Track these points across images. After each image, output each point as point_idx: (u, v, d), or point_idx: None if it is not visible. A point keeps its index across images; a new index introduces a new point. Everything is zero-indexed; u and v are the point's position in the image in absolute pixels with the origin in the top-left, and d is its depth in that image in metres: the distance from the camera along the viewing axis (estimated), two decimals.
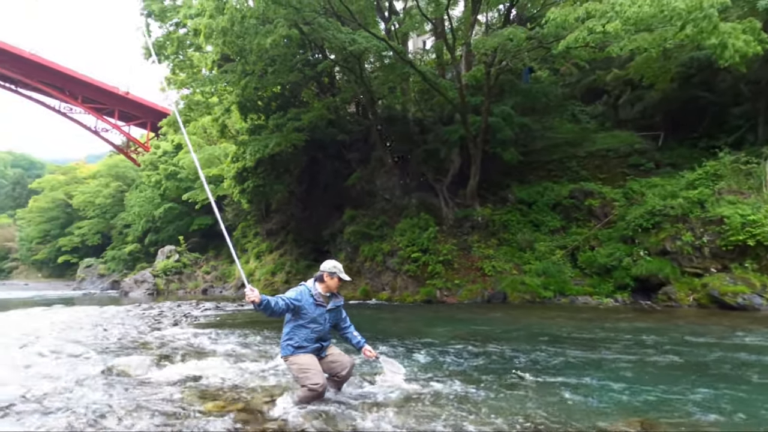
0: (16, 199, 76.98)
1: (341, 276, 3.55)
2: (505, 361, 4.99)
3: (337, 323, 3.70)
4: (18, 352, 5.44)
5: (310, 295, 3.47)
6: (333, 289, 3.58)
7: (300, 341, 3.42)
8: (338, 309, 3.66)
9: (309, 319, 3.43)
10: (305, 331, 3.42)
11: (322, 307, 3.49)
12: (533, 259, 13.58)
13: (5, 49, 39.22)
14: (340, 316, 3.72)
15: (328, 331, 3.58)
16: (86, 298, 23.73)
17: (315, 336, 3.45)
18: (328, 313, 3.54)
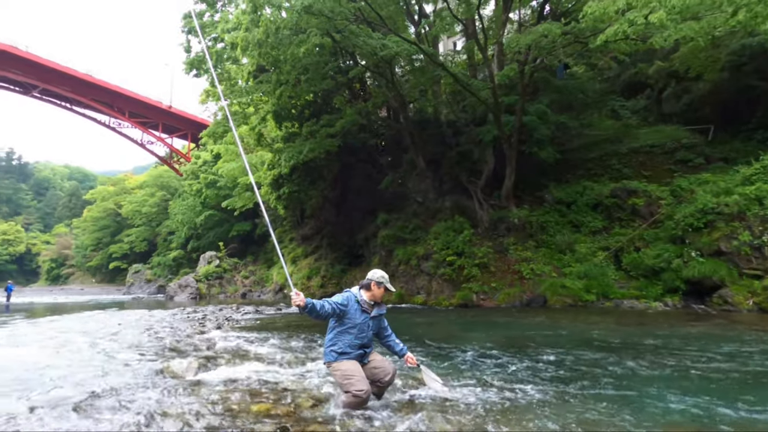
0: (72, 209, 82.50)
1: (388, 286, 3.57)
2: (546, 368, 4.83)
3: (378, 331, 3.72)
4: (77, 353, 5.80)
5: (356, 302, 3.51)
6: (378, 299, 3.60)
7: (344, 347, 3.43)
8: (380, 317, 3.68)
9: (353, 325, 3.46)
10: (349, 337, 3.44)
11: (367, 314, 3.53)
12: (574, 262, 13.12)
13: (61, 71, 42.23)
14: (382, 324, 3.74)
15: (371, 339, 3.60)
16: (135, 302, 25.02)
17: (358, 342, 3.47)
18: (372, 321, 3.57)
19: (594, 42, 10.55)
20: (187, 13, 16.70)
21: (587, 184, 15.01)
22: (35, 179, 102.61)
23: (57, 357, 5.49)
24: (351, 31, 12.25)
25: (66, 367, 4.84)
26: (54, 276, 67.88)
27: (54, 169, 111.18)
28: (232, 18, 13.71)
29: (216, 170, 29.74)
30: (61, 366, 4.91)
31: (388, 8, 14.67)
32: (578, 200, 14.69)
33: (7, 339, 6.99)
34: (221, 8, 16.85)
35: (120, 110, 46.64)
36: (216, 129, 20.45)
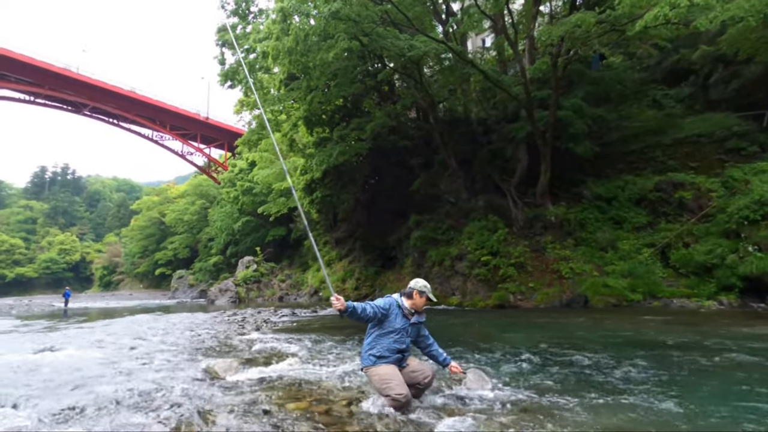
0: (120, 219, 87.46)
1: (430, 296, 3.58)
2: (590, 372, 4.62)
3: (417, 340, 3.73)
4: (127, 354, 6.11)
5: (398, 306, 3.54)
6: (419, 307, 3.60)
7: (382, 351, 3.43)
8: (420, 325, 3.68)
9: (392, 329, 3.47)
10: (388, 341, 3.44)
11: (407, 320, 3.54)
12: (616, 260, 12.55)
13: (109, 89, 44.94)
14: (422, 332, 3.74)
15: (409, 345, 3.59)
16: (179, 306, 26.13)
17: (397, 347, 3.46)
18: (411, 327, 3.57)
19: (632, 29, 10.08)
20: (221, 27, 17.35)
21: (629, 179, 14.34)
22: (87, 192, 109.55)
23: (109, 357, 5.80)
24: (378, 33, 12.31)
25: (117, 366, 5.10)
26: (106, 282, 72.12)
27: (104, 182, 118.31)
28: (263, 28, 14.12)
29: (251, 177, 30.67)
30: (113, 365, 5.18)
31: (415, 9, 14.63)
32: (619, 195, 14.05)
33: (69, 341, 7.45)
34: (252, 20, 17.39)
35: (162, 124, 49.06)
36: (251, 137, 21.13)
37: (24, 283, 77.51)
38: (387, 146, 18.52)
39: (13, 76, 40.28)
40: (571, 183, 15.54)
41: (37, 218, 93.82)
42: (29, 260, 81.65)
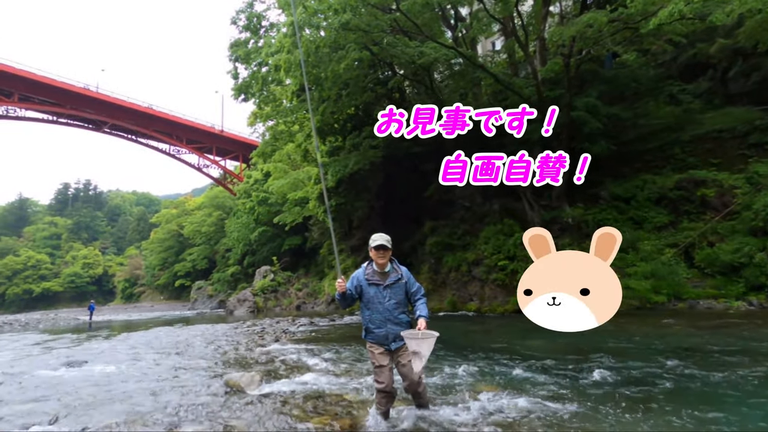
0: (140, 232, 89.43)
1: (380, 243, 3.32)
2: (614, 380, 4.51)
3: (410, 299, 3.46)
4: (151, 368, 6.21)
5: (363, 276, 3.39)
6: (382, 265, 3.35)
7: (366, 323, 3.39)
8: (398, 283, 3.38)
9: (367, 299, 3.36)
10: (367, 313, 3.36)
11: (377, 286, 3.34)
12: (638, 261, 12.27)
13: (127, 107, 46.19)
14: (411, 289, 3.43)
15: (394, 311, 3.32)
16: (199, 317, 26.50)
17: (378, 317, 3.31)
18: (387, 290, 3.34)
19: (646, 26, 9.94)
20: (234, 42, 17.69)
21: (647, 177, 14.05)
22: (108, 207, 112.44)
23: (135, 373, 5.91)
24: (388, 42, 12.40)
25: (143, 382, 5.19)
26: (128, 295, 73.63)
27: (124, 197, 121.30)
28: (275, 42, 14.34)
29: (266, 188, 31.04)
30: (139, 381, 5.27)
31: (424, 16, 14.68)
32: (638, 195, 13.77)
33: (95, 356, 7.63)
34: (264, 34, 17.69)
35: (178, 138, 50.13)
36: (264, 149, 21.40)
37: (50, 297, 79.75)
38: (399, 153, 18.54)
39: (36, 98, 41.74)
40: (588, 184, 15.19)
41: (62, 234, 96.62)
42: (54, 275, 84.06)
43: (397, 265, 3.47)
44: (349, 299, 3.35)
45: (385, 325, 3.31)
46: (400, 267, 3.47)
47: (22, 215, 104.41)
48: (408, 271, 3.51)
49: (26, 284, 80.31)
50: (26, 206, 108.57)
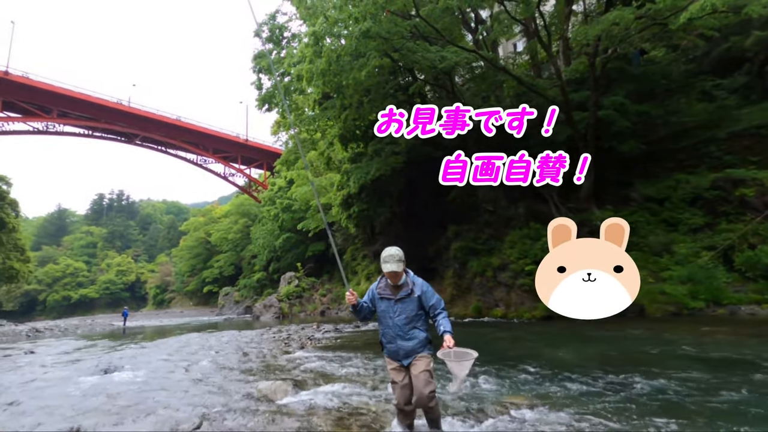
0: (170, 240, 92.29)
1: (384, 267, 3.17)
2: (651, 393, 4.31)
3: (429, 313, 3.26)
4: (184, 375, 6.35)
5: (376, 288, 3.32)
6: (395, 279, 3.21)
7: (381, 336, 3.34)
8: (410, 297, 3.20)
9: (379, 313, 3.28)
10: (381, 327, 3.30)
11: (388, 300, 3.23)
12: (673, 264, 11.78)
13: (157, 119, 47.93)
14: (428, 303, 3.22)
15: (404, 326, 3.17)
16: (226, 322, 27.03)
17: (390, 332, 3.22)
18: (399, 304, 3.20)
19: (675, 22, 9.61)
20: (258, 54, 18.12)
21: (681, 177, 13.51)
22: (140, 216, 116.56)
23: (167, 380, 6.05)
24: (408, 48, 12.41)
25: (175, 390, 5.31)
26: (159, 300, 75.93)
27: (154, 206, 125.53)
28: (297, 52, 14.60)
29: (290, 195, 31.52)
30: (171, 389, 5.40)
31: (444, 20, 14.65)
32: (672, 196, 13.25)
33: (130, 362, 7.87)
34: (286, 45, 18.04)
35: (205, 148, 51.62)
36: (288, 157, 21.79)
37: (87, 303, 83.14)
38: (421, 158, 18.48)
39: (74, 113, 43.85)
40: (618, 185, 14.82)
41: (97, 242, 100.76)
42: (91, 282, 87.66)
43: (412, 277, 3.29)
44: (365, 312, 3.29)
45: (395, 341, 3.22)
46: (414, 279, 3.28)
47: (61, 225, 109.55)
48: (424, 283, 3.30)
49: (65, 291, 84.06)
50: (65, 216, 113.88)
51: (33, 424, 3.84)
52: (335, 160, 21.54)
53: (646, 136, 14.99)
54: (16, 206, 43.57)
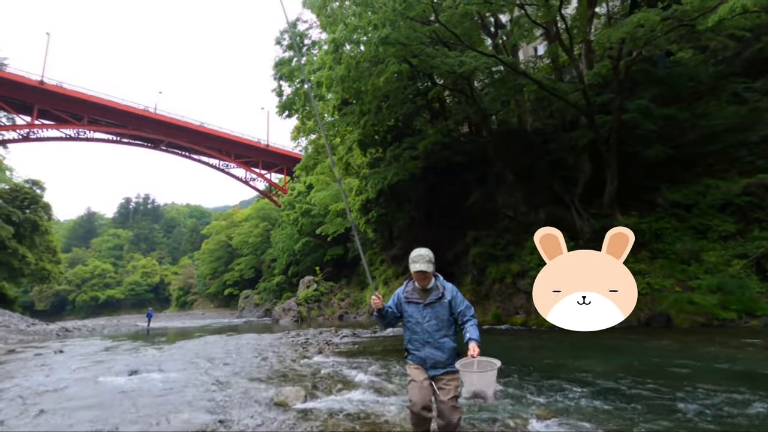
0: (193, 243, 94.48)
1: (413, 267, 3.01)
2: (678, 407, 4.15)
3: (458, 319, 3.09)
4: (205, 378, 6.47)
5: (403, 292, 3.15)
6: (423, 282, 3.06)
7: (406, 343, 3.12)
8: (440, 302, 3.04)
9: (406, 318, 3.10)
10: (407, 333, 3.09)
11: (416, 304, 3.06)
12: (702, 273, 11.36)
13: (181, 125, 49.25)
14: (456, 309, 3.06)
15: (434, 333, 3.01)
16: (246, 325, 27.42)
17: (417, 339, 3.03)
18: (427, 309, 3.03)
19: (703, 23, 9.32)
20: (278, 61, 18.43)
21: (710, 182, 13.04)
22: (165, 219, 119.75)
23: (189, 382, 6.17)
24: (427, 53, 12.43)
25: (196, 392, 5.41)
26: (182, 302, 77.69)
27: (178, 210, 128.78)
28: (317, 59, 14.80)
29: (309, 200, 31.85)
30: (193, 391, 5.50)
31: (463, 25, 14.61)
32: (700, 202, 12.81)
33: (154, 364, 8.06)
34: (306, 52, 18.31)
35: (227, 153, 52.73)
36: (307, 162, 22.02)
37: (113, 303, 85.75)
38: (440, 163, 18.44)
39: (103, 120, 45.50)
40: (642, 190, 14.41)
41: (124, 245, 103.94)
42: (117, 283, 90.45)
43: (441, 281, 3.13)
44: (390, 317, 3.11)
45: (423, 349, 3.02)
46: (444, 284, 3.13)
47: (90, 228, 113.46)
48: (454, 288, 3.15)
49: (93, 291, 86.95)
50: (94, 219, 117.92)
51: (62, 424, 3.97)
52: (354, 165, 21.67)
53: (673, 140, 14.55)
54: (48, 209, 45.42)
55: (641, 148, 13.49)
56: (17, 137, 41.90)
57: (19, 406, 4.80)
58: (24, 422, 4.13)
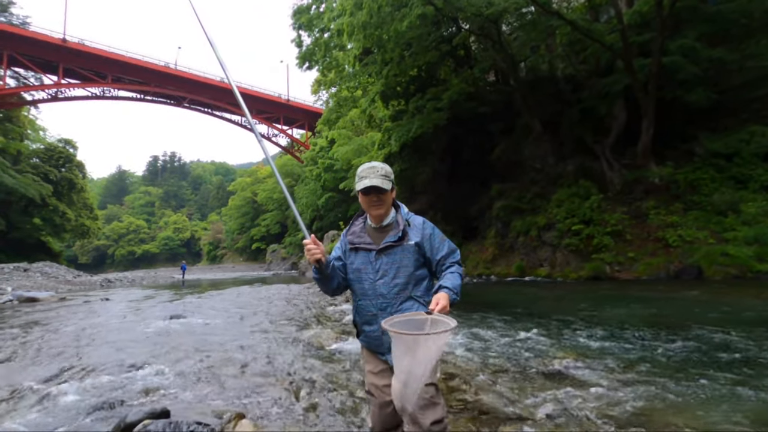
0: (220, 200, 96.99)
1: (357, 184, 1.84)
2: (709, 353, 4.16)
3: (433, 267, 1.88)
4: (241, 323, 6.87)
5: (347, 236, 1.99)
6: (377, 216, 1.88)
7: (353, 313, 1.99)
8: (402, 246, 1.83)
9: (351, 274, 1.92)
10: (355, 298, 1.95)
11: (366, 252, 1.88)
12: (739, 225, 10.97)
13: (203, 82, 49.03)
14: (428, 253, 1.86)
15: (396, 298, 1.82)
16: (275, 277, 28.57)
17: (369, 306, 1.86)
18: (383, 258, 1.84)
19: None
20: (297, 9, 17.77)
21: (755, 129, 12.26)
22: (191, 176, 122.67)
23: (227, 326, 6.58)
24: None
25: (234, 334, 5.77)
26: (212, 256, 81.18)
27: (204, 167, 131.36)
28: (336, 6, 14.18)
29: (332, 155, 31.79)
30: (227, 332, 5.87)
31: None
32: (742, 150, 12.12)
33: (192, 310, 8.59)
34: None
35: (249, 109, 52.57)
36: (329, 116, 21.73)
37: (149, 257, 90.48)
38: (465, 114, 17.87)
39: (126, 78, 45.71)
40: (679, 138, 13.71)
41: (155, 201, 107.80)
42: (151, 238, 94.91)
43: (405, 213, 1.93)
44: (337, 276, 1.89)
45: (376, 321, 1.83)
46: (412, 218, 1.92)
47: (122, 186, 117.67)
48: (428, 223, 1.94)
49: (129, 246, 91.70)
50: (125, 177, 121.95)
51: (116, 360, 4.34)
52: (376, 119, 21.28)
53: (716, 84, 13.54)
54: (82, 168, 47.13)
55: (682, 93, 12.65)
56: (46, 97, 42.80)
57: (75, 344, 5.25)
58: (81, 354, 4.53)
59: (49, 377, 3.74)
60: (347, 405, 2.91)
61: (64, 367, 4.05)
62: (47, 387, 3.40)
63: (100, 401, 2.95)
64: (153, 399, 3.07)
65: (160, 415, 2.44)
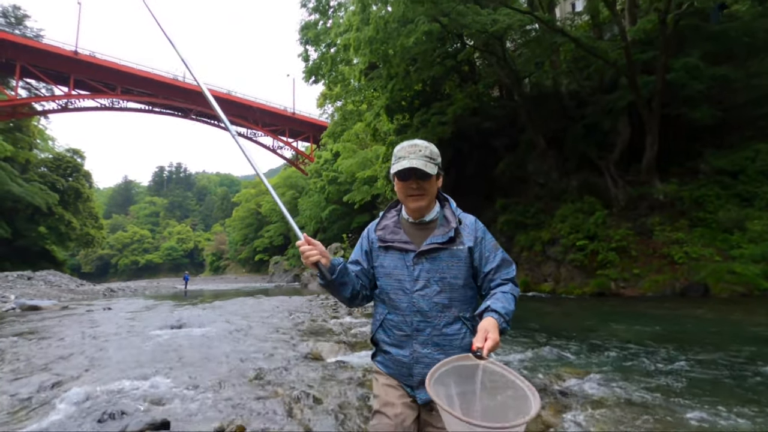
0: (224, 210, 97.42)
1: (393, 166, 1.48)
2: (714, 371, 4.09)
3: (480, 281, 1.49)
4: (242, 334, 6.83)
5: (375, 232, 1.58)
6: (411, 206, 1.50)
7: (376, 329, 1.54)
8: (451, 250, 1.45)
9: (381, 278, 1.52)
10: (380, 309, 1.53)
11: (400, 252, 1.48)
12: (745, 242, 10.86)
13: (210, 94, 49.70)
14: (477, 262, 1.47)
15: (438, 316, 1.42)
16: (276, 289, 28.45)
17: (398, 322, 1.46)
18: (422, 263, 1.44)
19: None
20: (304, 25, 18.10)
21: (761, 147, 12.21)
22: (197, 187, 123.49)
23: (227, 336, 6.54)
24: (458, 12, 11.89)
25: (235, 346, 5.73)
26: (215, 267, 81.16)
27: (209, 178, 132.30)
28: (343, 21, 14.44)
29: (336, 167, 31.95)
30: (227, 343, 5.83)
31: None
32: (748, 168, 12.06)
33: (193, 320, 8.56)
34: (332, 14, 17.87)
35: (255, 121, 53.16)
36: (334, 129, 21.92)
37: (152, 267, 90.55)
38: (469, 129, 17.97)
39: (135, 90, 46.50)
40: (684, 155, 13.68)
41: (159, 212, 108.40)
42: (155, 248, 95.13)
43: (454, 208, 1.57)
44: (349, 285, 1.47)
45: (408, 344, 1.45)
46: (463, 216, 1.55)
47: (128, 195, 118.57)
48: (480, 225, 1.54)
49: (133, 256, 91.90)
50: (130, 187, 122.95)
51: (118, 370, 4.32)
52: (381, 132, 21.45)
53: (721, 102, 13.59)
54: (89, 177, 47.62)
55: (686, 110, 12.69)
56: (57, 107, 43.51)
57: (77, 353, 5.23)
58: (82, 363, 4.51)
59: (50, 386, 3.72)
60: (347, 420, 2.88)
61: (65, 376, 4.03)
62: (48, 396, 3.39)
63: (101, 411, 2.93)
64: (153, 409, 3.04)
65: (160, 426, 2.42)
